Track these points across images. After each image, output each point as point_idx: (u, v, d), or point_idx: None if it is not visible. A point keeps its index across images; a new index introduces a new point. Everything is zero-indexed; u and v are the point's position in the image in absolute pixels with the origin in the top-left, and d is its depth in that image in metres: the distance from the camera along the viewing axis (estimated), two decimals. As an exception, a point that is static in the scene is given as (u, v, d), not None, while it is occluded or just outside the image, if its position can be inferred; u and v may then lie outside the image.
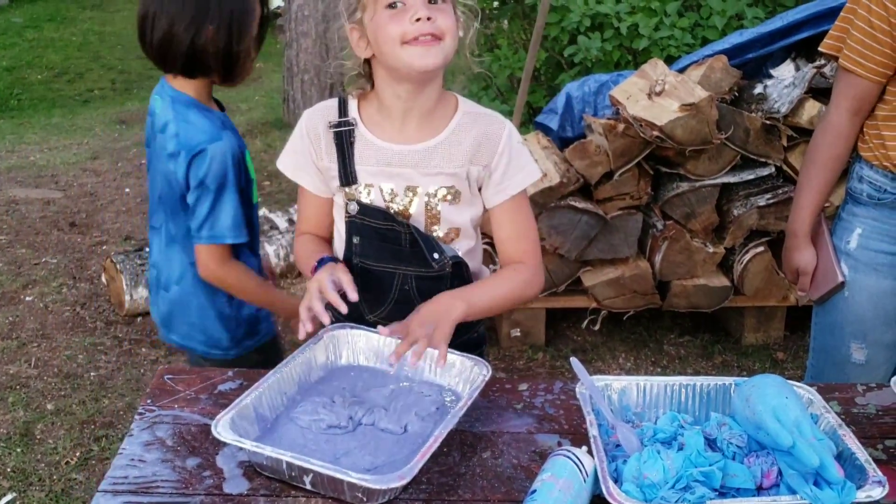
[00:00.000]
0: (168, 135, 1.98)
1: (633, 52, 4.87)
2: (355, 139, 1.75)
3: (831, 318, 2.26)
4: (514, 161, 1.75)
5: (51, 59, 10.55)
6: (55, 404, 3.42)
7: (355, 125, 1.76)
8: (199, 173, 1.94)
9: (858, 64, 2.05)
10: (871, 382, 2.17)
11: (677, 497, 1.30)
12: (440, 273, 1.79)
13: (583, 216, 3.59)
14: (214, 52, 1.95)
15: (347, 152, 1.75)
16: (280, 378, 1.58)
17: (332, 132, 1.76)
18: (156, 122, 2.03)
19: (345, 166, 1.75)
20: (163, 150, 2.00)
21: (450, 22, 1.63)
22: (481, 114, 1.78)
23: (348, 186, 1.76)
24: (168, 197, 2.03)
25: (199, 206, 1.97)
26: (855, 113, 2.11)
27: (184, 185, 1.98)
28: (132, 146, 7.02)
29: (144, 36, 1.98)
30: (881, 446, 1.55)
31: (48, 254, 4.88)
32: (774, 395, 1.40)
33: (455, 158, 1.73)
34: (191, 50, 1.93)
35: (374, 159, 1.75)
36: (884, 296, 2.15)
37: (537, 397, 1.68)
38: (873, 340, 2.19)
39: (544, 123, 4.04)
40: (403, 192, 1.75)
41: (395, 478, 1.31)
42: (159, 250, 2.13)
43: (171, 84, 2.02)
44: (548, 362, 3.80)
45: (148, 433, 1.54)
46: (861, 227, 2.16)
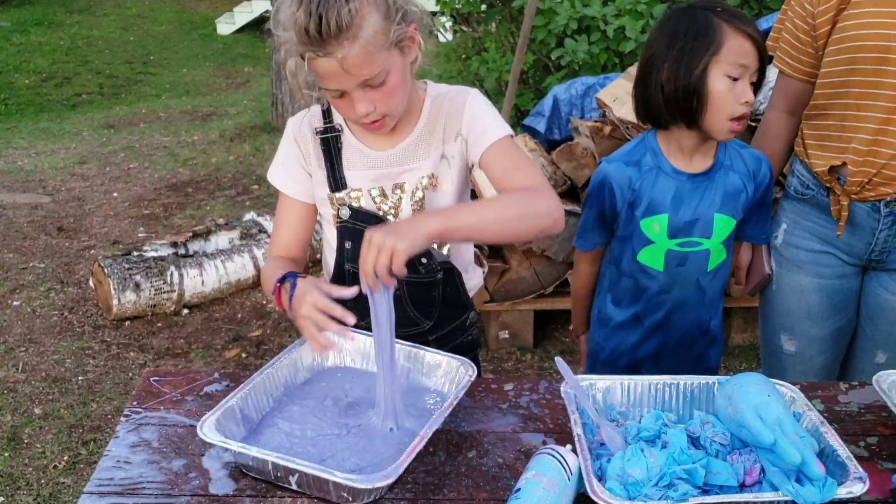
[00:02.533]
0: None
1: (619, 55, 4.89)
2: (342, 145, 1.77)
3: (764, 309, 2.33)
4: (478, 119, 1.73)
5: (38, 63, 10.53)
6: (43, 408, 3.42)
7: (341, 131, 1.77)
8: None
9: (787, 64, 2.12)
10: (807, 373, 2.24)
11: (660, 495, 1.31)
12: (431, 279, 1.79)
13: (570, 218, 3.59)
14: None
15: (335, 158, 1.76)
16: (266, 379, 1.58)
17: (319, 138, 1.77)
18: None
19: (334, 172, 1.76)
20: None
21: (393, 97, 1.62)
22: (446, 92, 1.79)
23: (338, 192, 1.77)
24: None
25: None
26: (790, 112, 2.17)
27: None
28: (120, 150, 7.01)
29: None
30: (863, 443, 1.56)
31: (36, 258, 4.87)
32: (757, 394, 1.41)
33: (432, 146, 1.75)
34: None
35: (361, 164, 1.76)
36: (805, 291, 2.19)
37: (522, 397, 1.69)
38: (801, 333, 2.24)
39: (532, 126, 4.05)
40: (391, 191, 1.77)
41: (380, 477, 1.31)
42: None
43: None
44: (536, 364, 3.81)
45: (134, 435, 1.54)
46: (786, 222, 2.21)
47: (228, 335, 4.09)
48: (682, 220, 1.99)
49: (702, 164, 2.00)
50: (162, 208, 5.70)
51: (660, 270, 2.04)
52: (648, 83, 1.93)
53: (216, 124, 7.92)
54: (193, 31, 12.98)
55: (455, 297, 1.87)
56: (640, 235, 2.02)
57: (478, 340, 2.01)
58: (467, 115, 1.74)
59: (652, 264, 2.04)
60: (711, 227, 2.00)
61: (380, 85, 1.59)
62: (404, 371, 1.69)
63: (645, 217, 2.00)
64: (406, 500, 1.39)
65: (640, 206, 2.00)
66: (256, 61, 11.16)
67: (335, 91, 1.60)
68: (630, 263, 2.06)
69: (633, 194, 1.99)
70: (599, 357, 2.23)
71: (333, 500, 1.37)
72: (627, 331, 2.15)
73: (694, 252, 2.02)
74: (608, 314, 2.18)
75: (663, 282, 2.05)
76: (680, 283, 2.06)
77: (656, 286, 2.06)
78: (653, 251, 2.03)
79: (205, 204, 5.79)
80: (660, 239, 2.01)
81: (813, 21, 2.01)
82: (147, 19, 13.52)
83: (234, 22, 13.03)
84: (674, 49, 1.87)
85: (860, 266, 2.17)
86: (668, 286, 2.06)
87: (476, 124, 1.74)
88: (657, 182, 1.98)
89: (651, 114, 1.97)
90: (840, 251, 2.14)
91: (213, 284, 4.36)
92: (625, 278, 2.10)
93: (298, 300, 1.56)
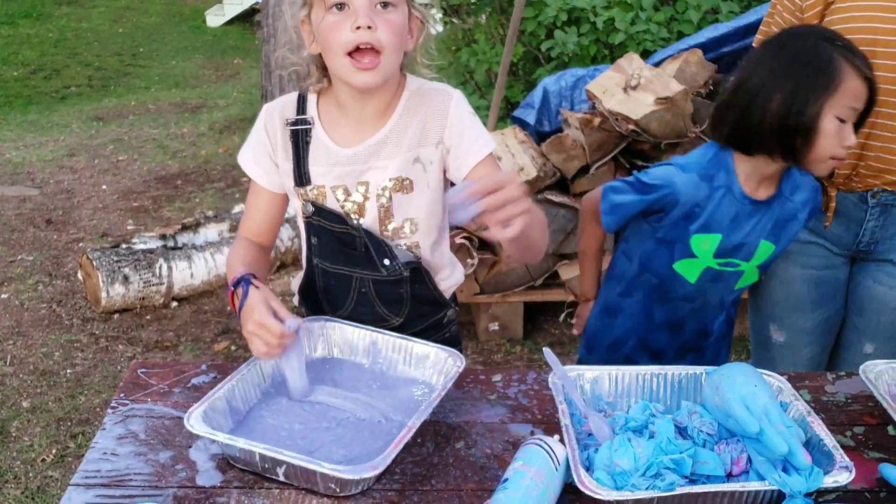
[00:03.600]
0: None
1: (609, 47, 4.89)
2: (311, 139, 1.72)
3: (753, 300, 2.34)
4: (466, 132, 1.68)
5: (26, 55, 10.46)
6: (31, 402, 3.40)
7: (312, 124, 1.72)
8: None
9: None
10: (796, 363, 2.25)
11: (647, 484, 1.31)
12: (397, 278, 1.77)
13: (560, 210, 3.60)
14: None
15: (302, 152, 1.72)
16: (253, 370, 1.58)
17: (289, 130, 1.72)
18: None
19: (299, 166, 1.72)
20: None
21: (393, 34, 1.57)
22: (427, 91, 1.72)
23: (302, 187, 1.73)
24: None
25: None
26: None
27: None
28: (109, 143, 6.97)
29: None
30: (849, 433, 1.57)
31: (24, 251, 4.85)
32: (743, 384, 1.41)
33: (402, 145, 1.68)
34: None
35: (325, 160, 1.71)
36: (794, 282, 2.20)
37: (511, 388, 1.69)
38: (789, 324, 2.25)
39: (521, 118, 4.05)
40: (355, 189, 1.71)
41: (367, 468, 1.31)
42: None
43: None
44: (526, 355, 3.82)
45: (121, 427, 1.53)
46: None
47: (218, 328, 4.08)
48: (732, 242, 1.94)
49: (767, 191, 1.94)
50: (151, 201, 5.68)
51: (691, 282, 2.00)
52: (750, 109, 1.81)
53: (205, 116, 7.89)
54: (183, 23, 12.90)
55: (426, 295, 1.83)
56: (684, 246, 1.96)
57: (457, 337, 1.97)
58: (453, 124, 1.68)
59: (686, 275, 2.00)
60: (754, 251, 1.96)
61: (387, 8, 1.56)
62: (392, 363, 1.69)
63: (698, 233, 1.94)
64: (394, 491, 1.39)
65: (698, 221, 1.93)
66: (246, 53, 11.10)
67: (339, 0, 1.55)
68: (663, 267, 2.01)
69: (693, 208, 1.92)
70: (600, 342, 2.19)
71: (321, 491, 1.37)
72: (635, 322, 2.12)
73: (729, 272, 1.99)
74: (616, 304, 2.14)
75: (690, 291, 2.02)
76: (705, 295, 2.04)
77: (681, 293, 2.03)
78: (692, 264, 1.98)
79: (194, 196, 5.77)
80: (704, 256, 1.96)
81: (801, 15, 2.01)
82: (136, 11, 13.43)
83: (224, 14, 12.96)
84: (789, 81, 1.77)
85: (848, 257, 2.17)
86: (693, 296, 2.03)
87: (463, 138, 1.68)
88: (723, 202, 1.91)
89: (742, 139, 1.86)
90: (828, 242, 2.15)
91: (202, 277, 4.35)
92: (648, 275, 2.05)
93: (246, 313, 1.54)
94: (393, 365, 1.69)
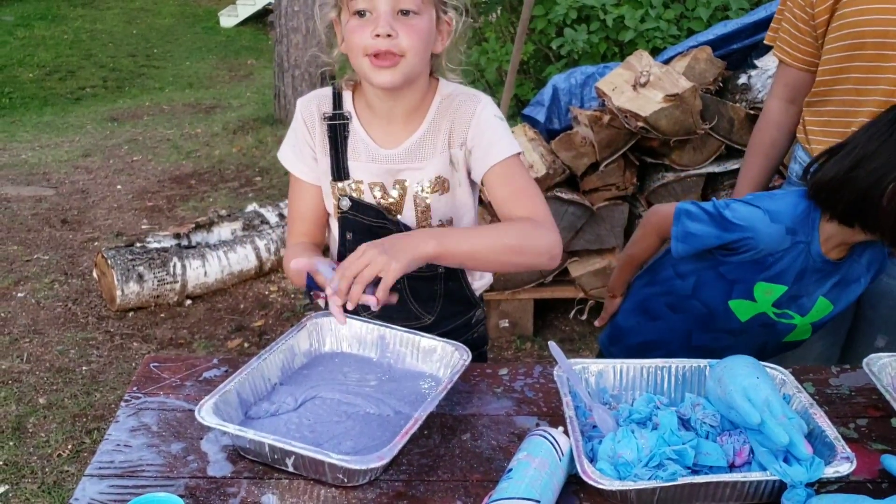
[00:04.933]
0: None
1: (619, 44, 4.90)
2: (349, 133, 1.74)
3: None
4: (487, 133, 1.69)
5: (42, 57, 10.56)
6: (47, 398, 3.45)
7: (349, 119, 1.74)
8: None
9: (787, 53, 2.13)
10: (807, 357, 2.25)
11: (650, 475, 1.33)
12: (432, 274, 1.79)
13: (569, 207, 3.62)
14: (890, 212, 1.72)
15: (341, 147, 1.74)
16: (263, 364, 1.60)
17: (327, 124, 1.74)
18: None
19: (338, 161, 1.74)
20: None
21: (415, 38, 1.58)
22: (458, 94, 1.74)
23: (340, 182, 1.75)
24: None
25: None
26: (790, 101, 2.18)
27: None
28: (123, 143, 7.03)
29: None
30: (853, 425, 1.58)
31: (40, 250, 4.90)
32: (745, 376, 1.43)
33: (437, 146, 1.72)
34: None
35: (365, 156, 1.73)
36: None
37: (517, 381, 1.71)
38: None
39: (531, 116, 4.06)
40: (392, 187, 1.75)
41: (374, 458, 1.33)
42: None
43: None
44: (536, 352, 3.83)
45: (134, 419, 1.56)
46: None
47: (231, 325, 4.11)
48: (793, 294, 1.91)
49: (840, 253, 1.90)
50: (165, 200, 5.73)
51: (741, 320, 1.96)
52: (871, 191, 1.73)
53: (219, 117, 7.94)
54: (197, 24, 12.99)
55: (458, 293, 1.85)
56: (746, 290, 1.91)
57: (485, 337, 1.99)
58: (476, 125, 1.70)
59: (738, 314, 1.96)
60: (811, 308, 1.93)
61: (410, 16, 1.57)
62: (400, 356, 1.71)
63: (766, 281, 1.89)
64: (401, 482, 1.41)
65: (768, 271, 1.88)
66: (259, 54, 11.17)
67: (362, 7, 1.56)
68: (717, 301, 1.96)
69: (768, 257, 1.87)
70: (629, 338, 2.15)
71: (329, 481, 1.39)
72: (671, 337, 2.08)
73: (782, 323, 1.96)
74: (658, 311, 2.09)
75: (736, 327, 1.98)
76: (750, 335, 2.00)
77: (727, 327, 1.99)
78: (749, 307, 1.94)
79: (208, 196, 5.81)
80: (763, 302, 1.92)
81: (812, 10, 2.02)
82: (150, 12, 13.53)
83: (237, 14, 13.04)
84: None
85: None
86: (738, 332, 1.99)
87: (483, 138, 1.69)
88: (798, 257, 1.87)
89: (852, 215, 1.79)
90: None
91: (215, 275, 4.39)
92: (697, 302, 2.00)
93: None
94: (401, 358, 1.71)
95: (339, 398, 1.59)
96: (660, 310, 2.10)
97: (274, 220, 4.79)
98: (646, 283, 2.15)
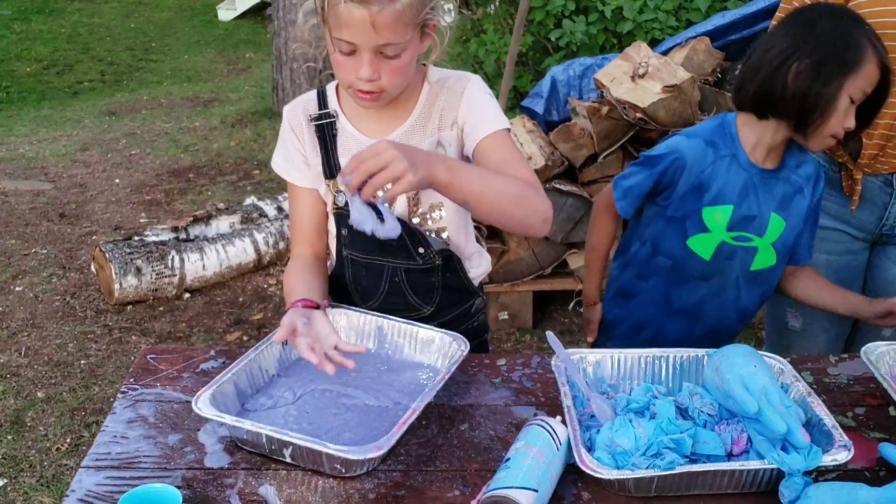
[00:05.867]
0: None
1: (617, 36, 4.90)
2: (337, 131, 1.75)
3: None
4: (477, 108, 1.69)
5: (39, 51, 10.53)
6: (46, 392, 3.45)
7: (336, 117, 1.75)
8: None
9: None
10: (812, 349, 2.26)
11: (648, 463, 1.33)
12: (430, 266, 1.79)
13: (568, 199, 3.61)
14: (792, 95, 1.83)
15: (330, 145, 1.75)
16: (261, 355, 1.60)
17: (314, 125, 1.75)
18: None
19: (328, 159, 1.74)
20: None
21: (398, 77, 1.59)
22: (447, 78, 1.74)
23: (332, 179, 1.75)
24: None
25: None
26: None
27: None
28: (121, 137, 7.02)
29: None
30: (850, 414, 1.58)
31: (38, 244, 4.89)
32: (743, 365, 1.43)
33: (427, 132, 1.73)
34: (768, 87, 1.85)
35: (355, 150, 1.72)
36: (814, 267, 2.19)
37: (515, 372, 1.71)
38: (806, 310, 2.24)
39: (530, 107, 4.06)
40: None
41: (372, 448, 1.33)
42: None
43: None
44: (535, 344, 3.83)
45: (131, 411, 1.56)
46: None
47: (229, 319, 4.11)
48: (744, 213, 1.95)
49: (772, 161, 1.96)
50: (163, 194, 5.72)
51: (706, 259, 2.00)
52: (776, 74, 1.83)
53: (217, 110, 7.92)
54: (194, 18, 12.95)
55: (457, 283, 1.86)
56: (697, 221, 1.97)
57: (485, 326, 2.00)
58: (465, 102, 1.70)
59: (700, 252, 1.99)
60: (766, 225, 1.97)
61: (393, 58, 1.56)
62: (398, 347, 1.71)
63: (710, 205, 1.95)
64: (399, 472, 1.41)
65: (708, 193, 1.95)
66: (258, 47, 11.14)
67: (347, 45, 1.54)
68: (676, 246, 2.01)
69: (701, 178, 1.94)
70: (618, 327, 2.18)
71: (327, 472, 1.39)
72: (652, 308, 2.11)
73: (742, 248, 1.99)
74: (631, 288, 2.14)
75: (705, 270, 2.01)
76: (721, 275, 2.02)
77: (697, 272, 2.02)
78: (706, 240, 1.98)
79: (206, 189, 5.80)
80: (717, 229, 1.97)
81: None
82: (148, 6, 13.49)
83: (235, 8, 12.99)
84: (818, 53, 1.79)
85: (869, 241, 2.17)
86: (709, 275, 2.02)
87: (473, 113, 1.70)
88: (730, 171, 1.94)
89: (761, 102, 1.88)
90: (851, 227, 2.15)
91: (214, 269, 4.38)
92: (661, 257, 2.05)
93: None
94: (399, 349, 1.71)
95: (337, 390, 1.59)
96: (633, 285, 2.14)
97: (272, 213, 4.78)
98: (618, 267, 2.19)
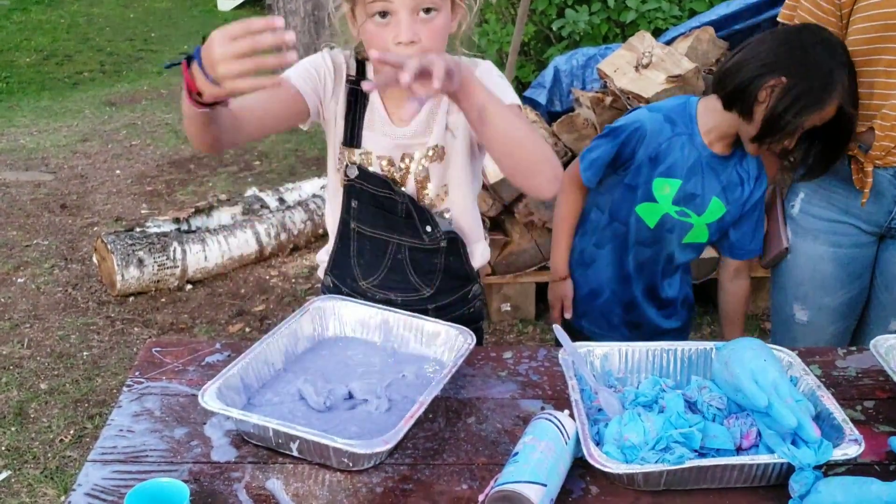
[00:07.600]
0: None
1: (620, 25, 4.86)
2: (368, 103, 1.75)
3: (778, 279, 2.34)
4: (490, 85, 1.57)
5: (39, 41, 10.49)
6: (48, 384, 3.44)
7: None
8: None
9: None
10: (818, 343, 2.25)
11: (657, 458, 1.32)
12: (433, 246, 1.80)
13: (571, 189, 3.60)
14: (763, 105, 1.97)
15: (358, 114, 1.75)
16: (266, 348, 1.59)
17: (349, 87, 1.74)
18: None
19: (353, 127, 1.75)
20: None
21: (436, 40, 1.55)
22: (459, 61, 1.73)
23: (350, 148, 1.76)
24: None
25: None
26: None
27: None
28: (122, 128, 7.00)
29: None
30: (860, 407, 1.57)
31: (39, 236, 4.88)
32: (752, 358, 1.42)
33: (438, 117, 1.74)
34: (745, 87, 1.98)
35: (379, 129, 1.75)
36: (820, 260, 2.19)
37: (521, 364, 1.70)
38: (813, 303, 2.24)
39: (533, 98, 4.04)
40: (400, 160, 1.77)
41: (379, 442, 1.32)
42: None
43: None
44: (538, 336, 3.83)
45: (136, 404, 1.56)
46: (804, 191, 2.22)
47: (232, 310, 4.10)
48: (689, 191, 2.11)
49: (723, 148, 2.12)
50: (164, 185, 5.70)
51: (650, 227, 2.16)
52: (757, 81, 1.95)
53: (218, 101, 7.89)
54: (194, 8, 12.90)
55: (458, 268, 1.87)
56: (647, 191, 2.12)
57: (481, 313, 2.01)
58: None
59: (646, 219, 2.16)
60: (706, 207, 2.13)
61: (431, 18, 1.52)
62: (404, 340, 1.70)
63: (661, 177, 2.10)
64: (406, 465, 1.40)
65: (662, 164, 2.10)
66: (257, 37, 11.09)
67: (382, 4, 1.50)
68: (627, 212, 2.17)
69: (658, 150, 2.09)
70: (577, 294, 2.32)
71: (334, 465, 1.38)
72: (608, 272, 2.26)
73: (681, 222, 2.13)
74: (590, 255, 2.28)
75: (647, 236, 2.19)
76: (659, 244, 2.20)
77: (640, 237, 2.19)
78: (652, 209, 2.14)
79: (207, 180, 5.79)
80: (664, 201, 2.13)
81: None
82: (147, -4, 13.44)
83: (235, -3, 12.95)
84: (804, 84, 1.91)
85: (877, 235, 2.16)
86: (649, 242, 2.20)
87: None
88: (684, 149, 2.09)
89: (733, 97, 2.01)
90: (859, 220, 2.14)
91: (216, 260, 4.37)
92: (616, 224, 2.21)
93: (208, 53, 1.29)
94: (405, 343, 1.71)
95: (344, 383, 1.58)
96: (590, 252, 2.28)
97: (274, 204, 4.77)
98: (579, 235, 2.31)
